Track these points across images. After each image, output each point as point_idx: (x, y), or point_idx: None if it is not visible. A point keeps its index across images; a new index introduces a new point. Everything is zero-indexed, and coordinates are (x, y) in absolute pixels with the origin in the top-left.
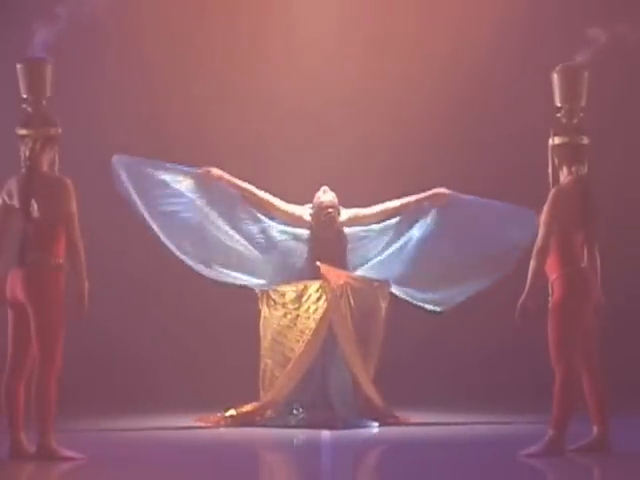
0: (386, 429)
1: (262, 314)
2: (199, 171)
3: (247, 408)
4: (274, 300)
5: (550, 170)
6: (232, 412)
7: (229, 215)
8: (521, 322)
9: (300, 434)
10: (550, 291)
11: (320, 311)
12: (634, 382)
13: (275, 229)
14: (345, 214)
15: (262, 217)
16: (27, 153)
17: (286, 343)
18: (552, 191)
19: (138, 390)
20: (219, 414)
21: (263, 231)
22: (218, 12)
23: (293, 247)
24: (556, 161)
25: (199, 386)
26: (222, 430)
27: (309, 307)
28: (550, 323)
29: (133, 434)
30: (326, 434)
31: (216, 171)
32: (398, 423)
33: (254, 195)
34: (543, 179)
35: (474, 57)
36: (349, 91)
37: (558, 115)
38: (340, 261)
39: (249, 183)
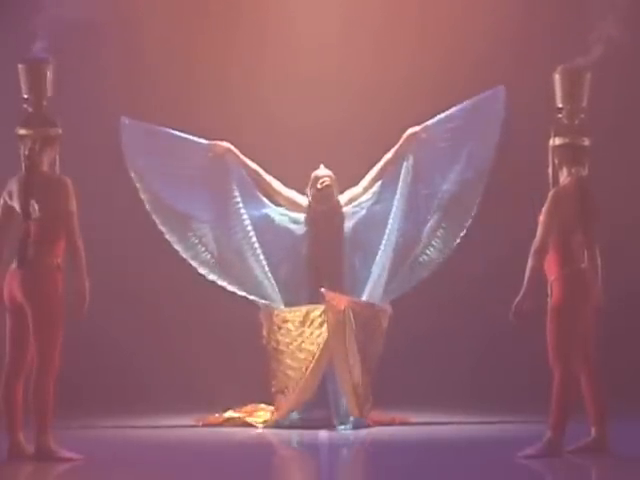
0: (384, 429)
1: (267, 339)
2: (208, 143)
3: (246, 410)
4: (278, 326)
5: (550, 171)
6: (231, 413)
7: (230, 199)
8: (516, 322)
9: (298, 435)
10: (549, 292)
11: (323, 336)
12: (633, 383)
13: (276, 212)
14: (341, 199)
15: (265, 200)
16: (26, 153)
17: (294, 367)
18: (551, 192)
19: (137, 390)
20: (217, 415)
21: (265, 216)
22: (218, 3)
23: (292, 228)
24: (556, 162)
25: (198, 386)
26: (221, 430)
27: (312, 332)
28: (549, 324)
29: (132, 434)
30: (324, 434)
31: (224, 144)
32: (396, 423)
33: (259, 176)
34: (543, 179)
35: (474, 52)
36: (349, 82)
37: (559, 116)
38: (337, 236)
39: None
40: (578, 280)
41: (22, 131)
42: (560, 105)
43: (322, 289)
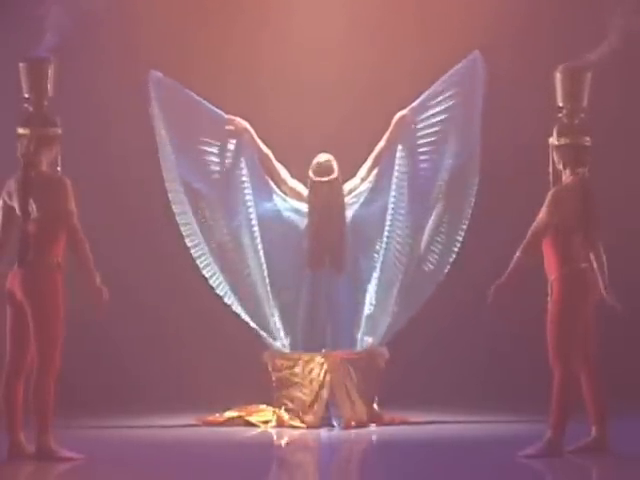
0: (385, 428)
1: (271, 374)
2: (227, 116)
3: (247, 409)
4: (279, 369)
5: (550, 170)
6: (231, 413)
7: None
8: (492, 303)
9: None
10: (549, 291)
11: (319, 382)
12: (633, 383)
13: (280, 199)
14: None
15: (271, 185)
16: (23, 152)
17: (294, 408)
18: (552, 190)
19: (137, 390)
20: (218, 414)
21: (269, 204)
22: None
23: (294, 219)
24: (556, 161)
25: (199, 386)
26: (221, 430)
27: (311, 381)
28: (549, 324)
29: (132, 434)
30: (324, 433)
31: (243, 122)
32: (396, 423)
33: (270, 161)
34: (543, 179)
35: (476, 48)
36: (350, 80)
37: (559, 115)
38: (338, 208)
39: None
40: (578, 280)
41: (20, 130)
42: (561, 104)
43: (323, 350)
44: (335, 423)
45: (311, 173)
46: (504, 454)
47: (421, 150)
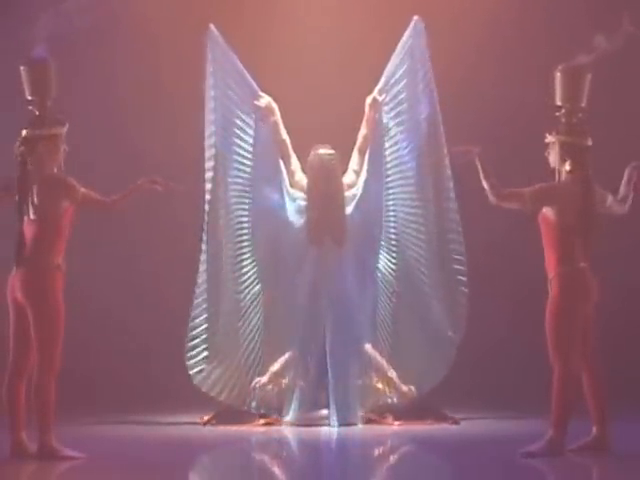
0: (385, 427)
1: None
2: (261, 94)
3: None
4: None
5: (556, 171)
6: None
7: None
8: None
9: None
10: (549, 289)
11: None
12: (634, 382)
13: (285, 186)
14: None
15: (281, 167)
16: (20, 152)
17: None
18: (548, 183)
19: (137, 389)
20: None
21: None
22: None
23: (293, 214)
24: (553, 161)
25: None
26: (220, 429)
27: None
28: (548, 322)
29: (133, 433)
30: (325, 432)
31: (272, 104)
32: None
33: (286, 148)
34: (540, 178)
35: (475, 45)
36: (350, 78)
37: (557, 114)
38: (336, 181)
39: None
40: (577, 278)
41: (23, 132)
42: (559, 103)
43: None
44: (334, 422)
45: (311, 154)
46: (505, 452)
47: (399, 127)
